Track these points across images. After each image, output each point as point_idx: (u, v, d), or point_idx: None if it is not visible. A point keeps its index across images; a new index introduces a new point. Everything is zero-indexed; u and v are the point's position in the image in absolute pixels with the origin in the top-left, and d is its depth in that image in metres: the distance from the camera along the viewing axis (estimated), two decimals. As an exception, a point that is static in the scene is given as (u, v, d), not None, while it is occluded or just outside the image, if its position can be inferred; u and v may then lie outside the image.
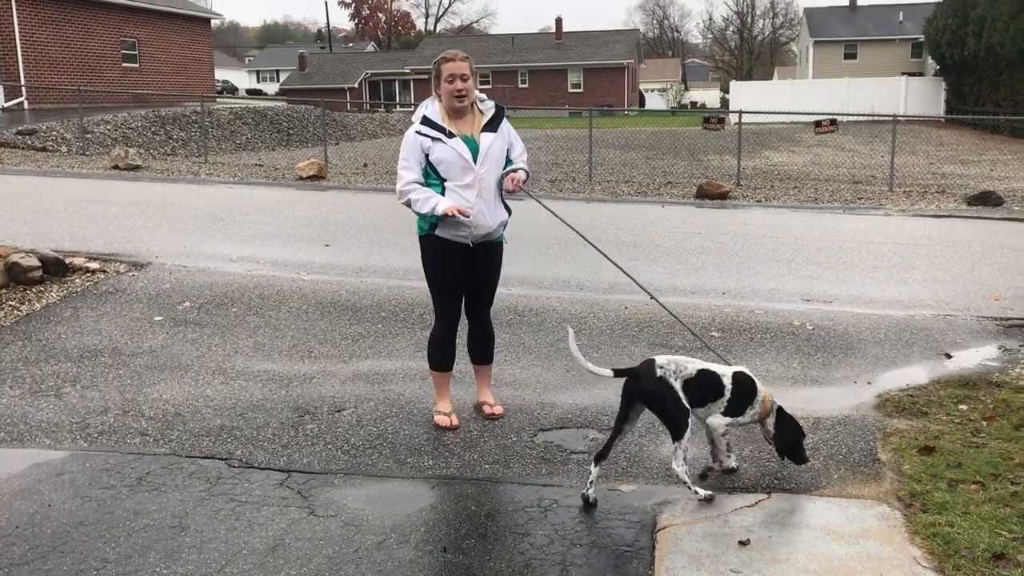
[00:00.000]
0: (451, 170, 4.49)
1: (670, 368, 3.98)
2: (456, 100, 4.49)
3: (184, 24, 33.11)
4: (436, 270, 4.69)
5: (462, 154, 4.47)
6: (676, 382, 3.96)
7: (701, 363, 4.09)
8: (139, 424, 4.82)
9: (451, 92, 4.48)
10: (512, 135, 4.73)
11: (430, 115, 4.55)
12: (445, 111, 4.55)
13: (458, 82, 4.46)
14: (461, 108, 4.52)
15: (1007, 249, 10.52)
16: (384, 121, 36.65)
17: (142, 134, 22.91)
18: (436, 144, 4.48)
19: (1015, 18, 30.75)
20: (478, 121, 4.59)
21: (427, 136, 4.50)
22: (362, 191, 16.34)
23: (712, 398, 4.04)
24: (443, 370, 4.87)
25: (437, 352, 4.83)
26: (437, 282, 4.73)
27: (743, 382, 4.08)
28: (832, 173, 20.15)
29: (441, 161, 4.48)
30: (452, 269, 4.66)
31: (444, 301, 4.76)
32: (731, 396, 4.04)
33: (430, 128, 4.51)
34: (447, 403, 4.89)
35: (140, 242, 9.62)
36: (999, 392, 5.31)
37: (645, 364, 4.03)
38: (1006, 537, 3.49)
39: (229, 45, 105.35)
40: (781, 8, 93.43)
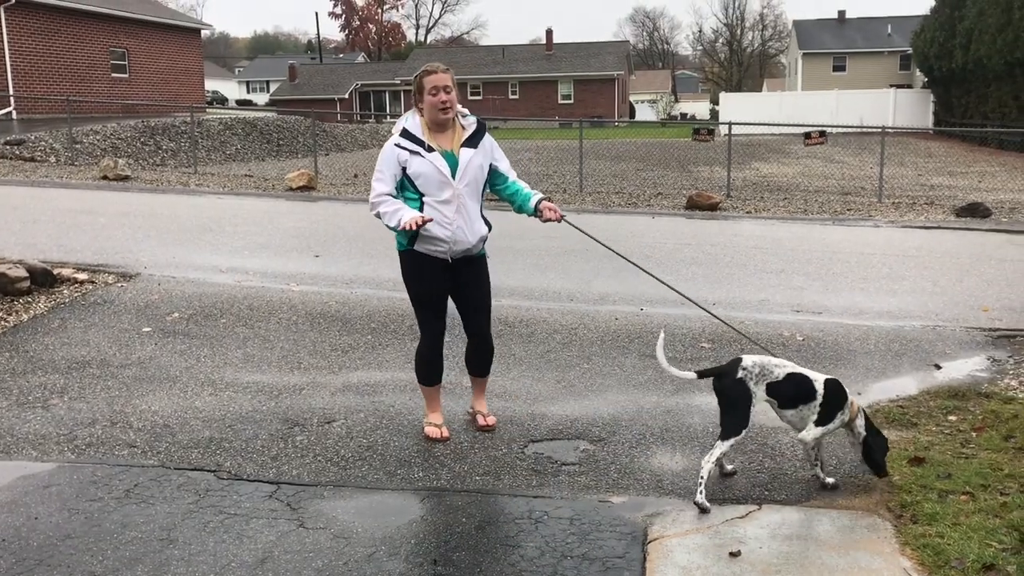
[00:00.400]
0: (428, 185, 4.43)
1: (754, 371, 4.07)
2: (440, 112, 4.44)
3: (174, 35, 33.09)
4: (416, 285, 4.66)
5: (440, 169, 4.42)
6: (758, 386, 4.06)
7: (791, 367, 4.17)
8: (127, 436, 4.79)
9: (434, 104, 4.43)
10: (496, 151, 4.68)
11: (410, 128, 4.51)
12: (426, 124, 4.52)
13: (441, 94, 4.42)
14: (444, 121, 4.48)
15: (995, 260, 10.57)
16: (374, 132, 36.68)
17: (131, 144, 22.86)
18: (414, 158, 4.43)
19: (1002, 31, 31.00)
20: (459, 136, 4.54)
21: (405, 149, 4.45)
22: (352, 202, 16.32)
23: (804, 401, 4.10)
24: (431, 384, 4.85)
25: (423, 367, 4.81)
26: (417, 297, 4.69)
27: (834, 389, 4.14)
28: (821, 184, 20.24)
29: (419, 175, 4.43)
30: (432, 284, 4.63)
31: (425, 316, 4.73)
32: (823, 401, 4.10)
33: (409, 141, 4.47)
34: (438, 415, 4.87)
35: (129, 253, 9.59)
36: (988, 403, 5.32)
37: (731, 363, 4.13)
38: (995, 548, 3.50)
39: (219, 56, 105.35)
40: (770, 20, 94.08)
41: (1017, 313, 7.77)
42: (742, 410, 4.01)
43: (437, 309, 4.72)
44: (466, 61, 65.14)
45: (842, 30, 61.85)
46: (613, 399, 5.47)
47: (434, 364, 4.80)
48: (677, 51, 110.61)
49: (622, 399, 5.47)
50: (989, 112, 34.39)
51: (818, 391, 4.11)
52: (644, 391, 5.63)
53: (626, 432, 4.91)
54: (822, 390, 4.11)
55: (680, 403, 5.40)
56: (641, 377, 5.91)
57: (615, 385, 5.76)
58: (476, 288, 4.74)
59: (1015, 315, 7.69)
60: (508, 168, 4.73)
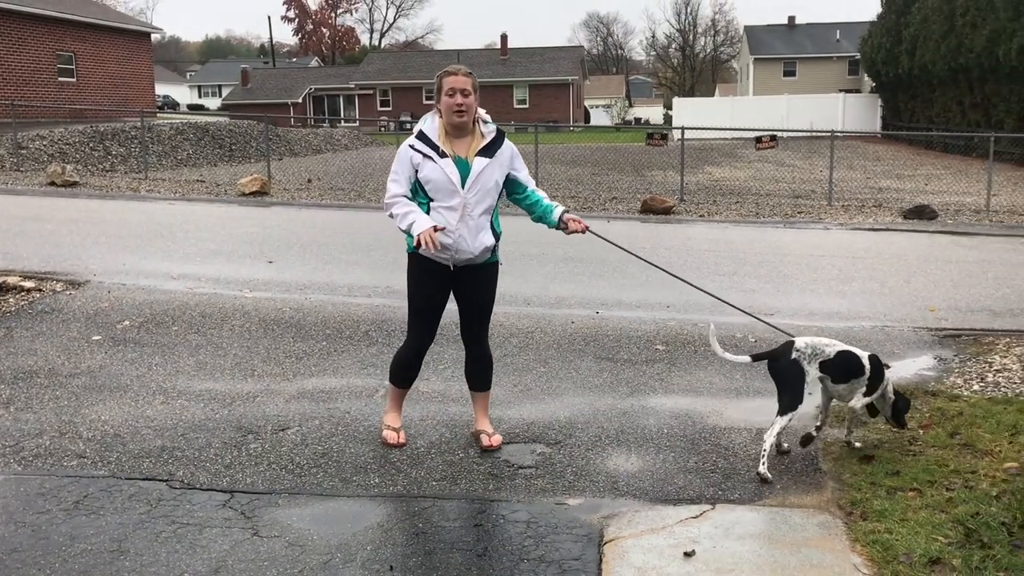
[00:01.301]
0: (437, 191, 4.35)
1: (807, 352, 4.46)
2: (456, 115, 4.34)
3: (123, 38, 32.55)
4: (415, 289, 4.56)
5: (450, 176, 4.32)
6: (811, 365, 4.46)
7: (840, 345, 4.57)
8: (76, 446, 4.70)
9: (451, 106, 4.33)
10: (515, 160, 4.56)
11: (427, 130, 4.42)
12: (443, 128, 4.41)
13: (458, 96, 4.31)
14: (461, 124, 4.37)
15: (941, 261, 10.81)
16: (329, 136, 36.42)
17: (80, 150, 22.46)
18: (426, 162, 4.34)
19: (945, 37, 31.72)
20: (476, 143, 4.43)
21: (419, 152, 4.36)
22: (306, 207, 16.21)
23: (855, 376, 4.52)
24: (401, 387, 4.80)
25: (400, 369, 4.72)
26: (414, 302, 4.60)
27: (877, 364, 4.57)
28: (773, 188, 20.53)
29: (428, 180, 4.34)
30: (429, 289, 4.53)
31: (416, 321, 4.62)
32: (870, 375, 4.53)
33: (423, 144, 4.37)
34: (397, 418, 4.83)
35: (78, 260, 9.42)
36: (934, 401, 5.44)
37: (784, 346, 4.51)
38: (942, 542, 3.58)
39: (170, 60, 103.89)
40: (722, 26, 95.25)
41: (963, 313, 7.95)
42: (798, 388, 4.41)
43: (429, 319, 4.61)
44: (421, 65, 65.00)
45: (792, 36, 62.82)
46: (569, 402, 5.50)
47: (411, 369, 4.73)
48: (631, 56, 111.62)
49: (578, 402, 5.50)
50: (934, 116, 35.18)
51: (866, 366, 4.53)
52: (600, 394, 5.67)
53: (582, 434, 4.93)
54: (869, 365, 4.53)
55: (635, 405, 5.44)
56: (597, 380, 5.95)
57: (571, 388, 5.78)
58: (475, 298, 4.62)
59: (961, 315, 7.87)
60: (527, 177, 4.62)
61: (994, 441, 4.69)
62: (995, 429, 4.86)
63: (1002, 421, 4.98)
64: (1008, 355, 6.50)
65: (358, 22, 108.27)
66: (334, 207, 16.38)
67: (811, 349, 4.46)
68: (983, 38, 27.90)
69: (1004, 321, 7.65)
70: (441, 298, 4.60)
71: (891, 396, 4.67)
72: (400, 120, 44.93)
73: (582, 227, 4.60)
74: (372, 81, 63.46)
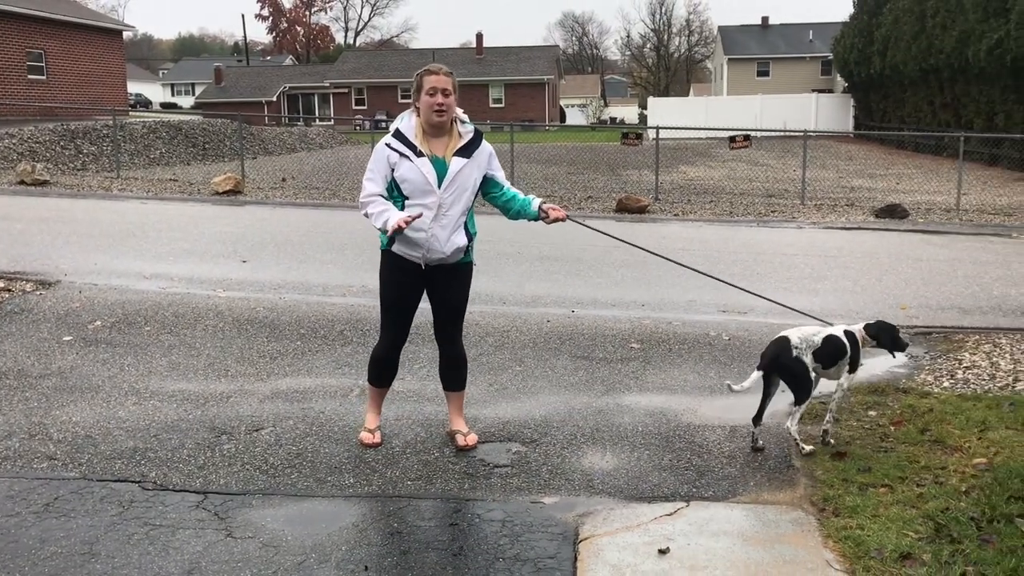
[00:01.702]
0: (413, 190, 4.33)
1: (803, 347, 4.62)
2: (435, 115, 4.33)
3: (95, 36, 32.19)
4: (387, 288, 4.56)
5: (426, 175, 4.31)
6: (808, 356, 4.62)
7: (823, 330, 4.75)
8: (47, 448, 4.65)
9: (431, 105, 4.32)
10: (493, 161, 4.57)
11: (403, 129, 4.40)
12: (420, 127, 4.40)
13: (439, 96, 4.30)
14: (440, 124, 4.37)
15: (912, 260, 10.92)
16: (303, 135, 36.23)
17: (50, 148, 22.19)
18: (403, 161, 4.33)
19: (916, 38, 32.06)
20: (453, 143, 4.42)
21: (395, 151, 4.35)
22: (280, 206, 16.12)
23: (840, 357, 4.71)
24: (379, 386, 4.79)
25: (377, 369, 4.73)
26: (385, 299, 4.60)
27: (853, 338, 4.76)
28: (746, 187, 20.66)
29: (404, 179, 4.33)
30: (401, 287, 4.52)
31: (389, 318, 4.62)
32: (851, 352, 4.71)
33: (400, 143, 4.36)
34: (375, 418, 4.82)
35: (48, 259, 9.31)
36: (906, 398, 5.50)
37: (781, 343, 4.65)
38: (912, 538, 3.62)
39: (142, 58, 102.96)
40: (696, 26, 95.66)
41: (933, 311, 8.04)
42: (807, 379, 4.63)
43: (401, 316, 4.60)
44: (396, 64, 64.83)
45: (766, 36, 63.25)
46: (545, 401, 5.51)
47: (386, 368, 4.72)
48: (606, 56, 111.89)
49: (554, 400, 5.51)
50: (906, 116, 35.55)
51: (847, 344, 4.70)
52: (575, 392, 5.68)
53: (557, 433, 4.94)
54: (848, 342, 4.71)
55: (610, 403, 5.46)
56: (572, 378, 5.96)
57: (547, 387, 5.79)
58: (448, 298, 4.61)
59: (931, 312, 7.96)
60: (503, 178, 4.65)
61: (963, 437, 4.75)
62: (964, 425, 4.93)
63: (971, 417, 5.04)
64: (977, 352, 6.59)
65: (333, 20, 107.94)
66: (308, 206, 16.30)
67: (804, 343, 4.63)
68: (953, 39, 28.23)
69: (973, 319, 7.75)
70: (413, 297, 4.59)
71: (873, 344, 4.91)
72: (375, 119, 44.75)
73: (562, 215, 4.66)
74: (347, 80, 63.20)
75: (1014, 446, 4.58)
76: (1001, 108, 26.41)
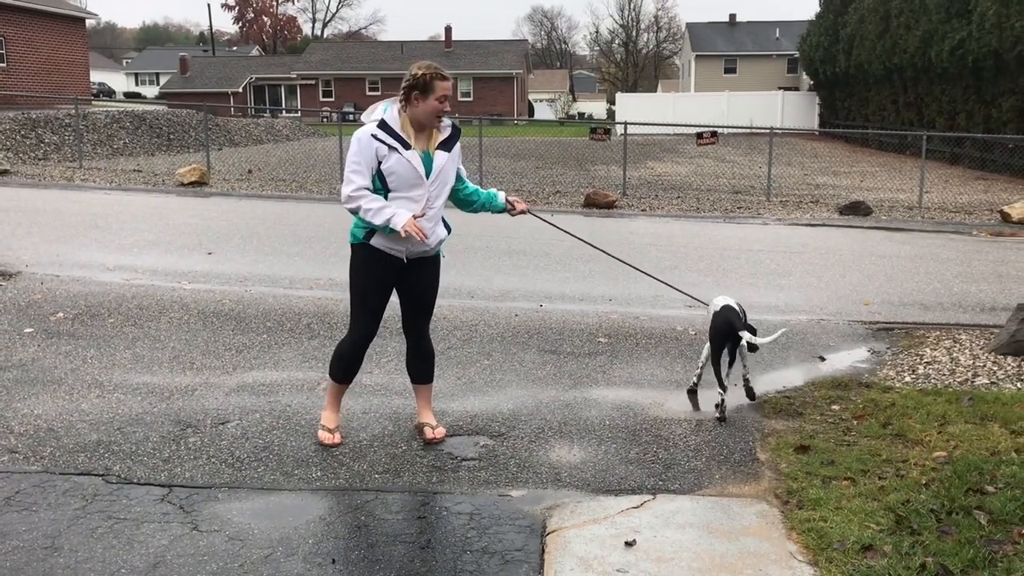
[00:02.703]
0: (400, 183, 4.27)
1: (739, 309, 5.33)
2: (436, 119, 4.31)
3: (56, 23, 31.67)
4: (362, 281, 4.47)
5: (417, 168, 4.27)
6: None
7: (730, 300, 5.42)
8: (7, 441, 4.58)
9: (437, 111, 4.29)
10: (460, 157, 4.60)
11: (388, 120, 4.30)
12: (407, 120, 4.32)
13: (447, 104, 4.31)
14: (433, 125, 4.37)
15: (876, 256, 11.07)
16: (270, 127, 35.93)
17: (10, 137, 21.81)
18: (392, 153, 4.24)
19: (880, 37, 32.45)
20: (435, 138, 4.40)
21: (383, 143, 4.25)
22: (247, 198, 15.98)
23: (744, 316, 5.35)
24: (341, 382, 4.69)
25: (343, 364, 4.62)
26: (362, 292, 4.50)
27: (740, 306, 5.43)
28: (713, 183, 20.82)
29: (393, 172, 4.25)
30: (380, 282, 4.47)
31: (363, 313, 4.53)
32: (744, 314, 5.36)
33: (387, 134, 4.26)
34: (333, 417, 4.73)
35: (8, 250, 9.16)
36: (868, 392, 5.58)
37: (732, 312, 5.27)
38: (874, 530, 3.68)
39: (106, 46, 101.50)
40: (665, 22, 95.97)
41: (895, 307, 8.16)
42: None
43: (374, 310, 4.53)
44: (364, 56, 64.45)
45: (733, 33, 63.65)
46: (513, 394, 5.52)
47: (353, 363, 4.63)
48: (575, 51, 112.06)
49: (522, 394, 5.52)
50: (870, 115, 35.98)
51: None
52: (543, 386, 5.70)
53: (525, 427, 4.96)
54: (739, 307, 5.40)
55: (578, 397, 5.48)
56: (540, 372, 5.98)
57: (515, 380, 5.81)
58: (425, 289, 4.61)
59: (893, 308, 8.08)
60: (466, 175, 4.70)
61: (924, 431, 4.84)
62: (925, 420, 5.01)
63: (932, 412, 5.13)
64: (938, 348, 6.70)
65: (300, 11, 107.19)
66: (275, 198, 16.18)
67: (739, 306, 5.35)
68: (916, 39, 28.61)
69: (934, 315, 7.88)
70: (388, 290, 4.55)
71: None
72: (343, 111, 44.46)
73: (526, 208, 4.84)
74: (314, 71, 62.73)
75: (973, 440, 4.67)
76: (963, 108, 26.83)
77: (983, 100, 25.46)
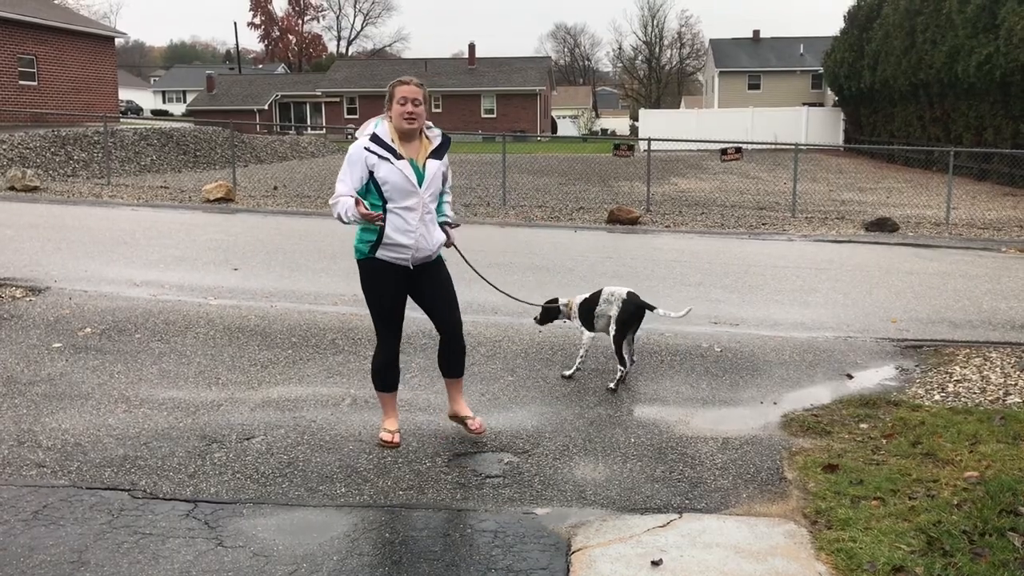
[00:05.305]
0: (395, 192, 4.51)
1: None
2: (405, 122, 4.53)
3: (86, 42, 32.15)
4: (375, 295, 4.69)
5: (408, 177, 4.52)
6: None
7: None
8: (36, 455, 4.61)
9: (400, 113, 4.53)
10: (448, 167, 4.82)
11: (380, 133, 4.57)
12: (395, 132, 4.59)
13: (409, 105, 4.51)
14: (409, 130, 4.56)
15: (903, 273, 10.96)
16: (295, 144, 36.22)
17: (41, 155, 22.12)
18: (383, 163, 4.50)
19: (906, 53, 32.27)
20: (425, 148, 4.66)
21: (374, 153, 4.52)
22: (272, 214, 16.09)
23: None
24: (387, 391, 4.88)
25: (380, 376, 4.85)
26: (377, 307, 4.72)
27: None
28: (737, 199, 20.72)
29: (386, 181, 4.50)
30: (392, 293, 4.69)
31: (383, 325, 4.76)
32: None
33: (379, 146, 4.53)
34: (393, 421, 4.91)
35: (38, 266, 9.27)
36: (897, 411, 5.51)
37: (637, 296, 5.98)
38: (904, 551, 3.62)
39: (134, 64, 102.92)
40: (688, 39, 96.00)
41: (923, 324, 8.07)
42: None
43: (392, 321, 4.76)
44: (388, 74, 64.80)
45: (757, 49, 63.55)
46: (537, 411, 5.50)
47: (390, 371, 4.85)
48: (598, 68, 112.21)
49: (546, 411, 5.50)
50: (895, 130, 35.74)
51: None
52: (567, 403, 5.67)
53: (549, 444, 4.93)
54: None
55: (603, 414, 5.45)
56: (565, 388, 5.96)
57: (539, 397, 5.78)
58: (441, 287, 4.83)
59: (922, 326, 7.99)
60: (448, 189, 4.88)
61: (955, 451, 4.76)
62: (956, 439, 4.94)
63: (962, 431, 5.05)
64: (968, 366, 6.61)
65: (325, 29, 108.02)
66: (300, 214, 16.27)
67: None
68: (943, 54, 28.42)
69: (963, 332, 7.78)
70: (400, 299, 4.75)
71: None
72: (367, 128, 44.71)
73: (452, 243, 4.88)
74: (339, 89, 63.22)
75: (1005, 459, 4.60)
76: (990, 123, 26.58)
77: (1011, 115, 25.22)
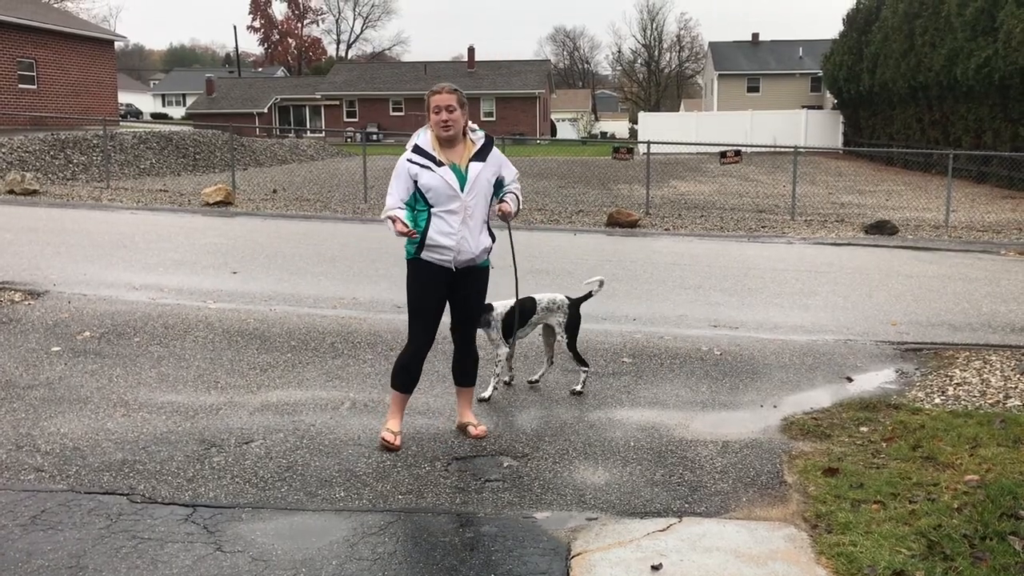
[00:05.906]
0: (438, 197, 4.67)
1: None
2: (442, 129, 4.68)
3: (85, 45, 32.14)
4: (416, 293, 4.83)
5: (449, 182, 4.65)
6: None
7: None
8: (34, 460, 4.60)
9: (437, 123, 4.68)
10: (503, 162, 4.92)
11: (422, 144, 4.74)
12: (436, 140, 4.73)
13: (443, 113, 4.65)
14: (448, 137, 4.70)
15: (902, 276, 10.96)
16: (294, 147, 36.23)
17: (40, 158, 22.12)
18: (424, 171, 4.66)
19: (905, 56, 32.29)
20: (468, 150, 4.79)
21: (416, 164, 4.69)
22: (271, 217, 16.09)
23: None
24: (405, 392, 4.94)
25: (402, 373, 4.91)
26: (415, 304, 4.84)
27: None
28: (737, 202, 20.73)
29: (429, 188, 4.66)
30: (433, 292, 4.82)
31: (419, 324, 4.86)
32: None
33: (420, 156, 4.70)
34: (397, 422, 4.94)
35: (37, 269, 9.26)
36: (897, 414, 5.50)
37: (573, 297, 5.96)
38: (905, 554, 3.61)
39: (133, 68, 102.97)
40: (687, 42, 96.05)
41: (923, 327, 8.06)
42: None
43: (429, 322, 4.87)
44: (388, 77, 64.95)
45: (756, 52, 63.61)
46: (536, 414, 5.49)
47: (413, 372, 4.93)
48: (597, 71, 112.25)
49: (545, 414, 5.49)
50: (894, 133, 35.76)
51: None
52: (567, 406, 5.66)
53: (549, 447, 4.92)
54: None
55: (602, 417, 5.44)
56: (563, 392, 5.95)
57: (538, 400, 5.78)
58: (473, 299, 4.98)
59: (921, 329, 7.98)
60: (512, 179, 4.96)
61: (955, 454, 4.76)
62: (956, 442, 4.93)
63: (963, 434, 5.05)
64: (968, 369, 6.60)
65: (325, 33, 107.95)
66: (299, 218, 16.27)
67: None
68: (942, 57, 28.44)
69: (963, 335, 7.77)
70: (441, 300, 4.88)
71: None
72: (367, 131, 44.74)
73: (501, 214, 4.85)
74: (339, 92, 63.25)
75: (1006, 463, 4.59)
76: (989, 126, 26.60)
77: (1010, 118, 25.23)
